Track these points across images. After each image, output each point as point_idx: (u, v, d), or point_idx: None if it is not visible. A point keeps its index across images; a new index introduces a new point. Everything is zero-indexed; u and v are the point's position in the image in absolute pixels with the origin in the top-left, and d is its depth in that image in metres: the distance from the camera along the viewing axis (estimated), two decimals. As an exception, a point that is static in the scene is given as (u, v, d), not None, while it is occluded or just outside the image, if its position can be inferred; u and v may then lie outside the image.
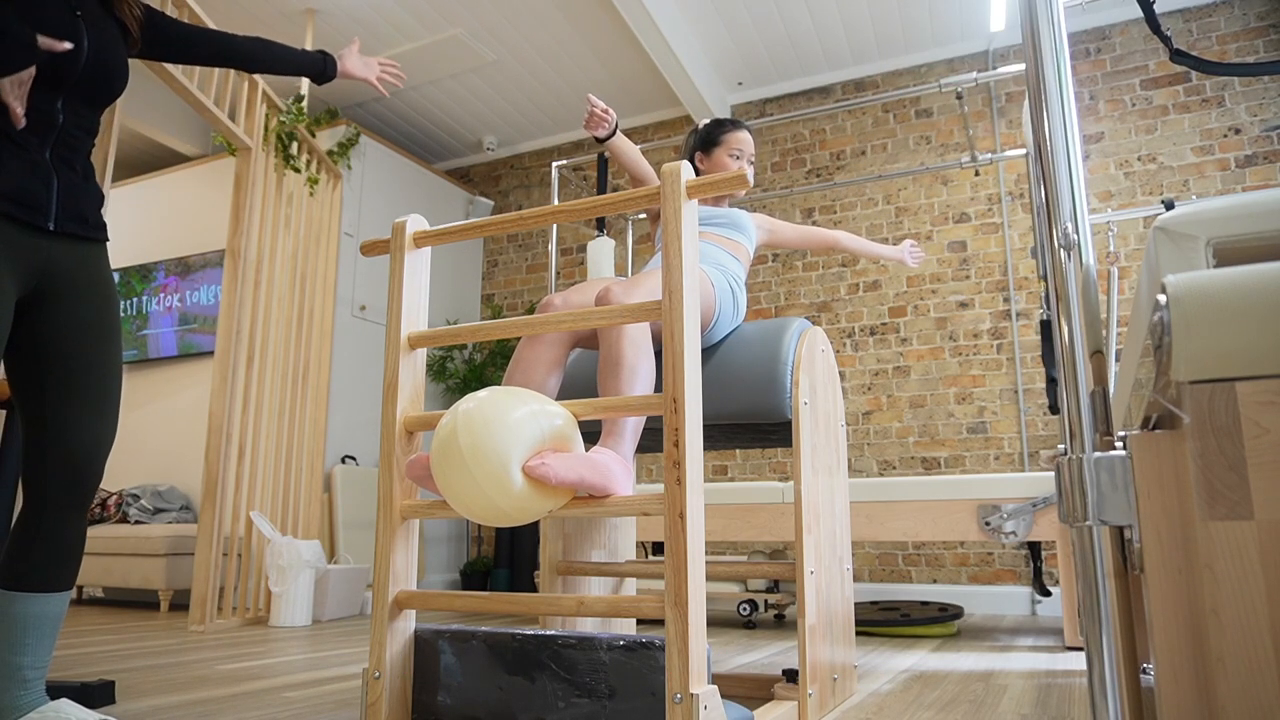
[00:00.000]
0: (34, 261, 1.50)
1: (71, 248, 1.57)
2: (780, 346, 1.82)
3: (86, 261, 1.59)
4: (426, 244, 1.60)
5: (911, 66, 4.87)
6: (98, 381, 1.55)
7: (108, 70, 1.60)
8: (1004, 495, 2.96)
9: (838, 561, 1.94)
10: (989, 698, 1.95)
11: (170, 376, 4.99)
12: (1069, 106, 0.92)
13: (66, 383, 1.52)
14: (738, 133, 2.23)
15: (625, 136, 2.22)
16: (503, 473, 1.25)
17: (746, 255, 2.14)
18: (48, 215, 1.52)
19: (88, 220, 1.60)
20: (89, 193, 1.62)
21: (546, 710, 1.37)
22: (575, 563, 1.97)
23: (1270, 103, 4.03)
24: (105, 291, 1.61)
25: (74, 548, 1.53)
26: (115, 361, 1.59)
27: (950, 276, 4.54)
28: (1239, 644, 0.70)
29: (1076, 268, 0.89)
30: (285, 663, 2.56)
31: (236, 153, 3.79)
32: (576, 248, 5.68)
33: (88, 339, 1.55)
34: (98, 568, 4.33)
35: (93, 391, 1.54)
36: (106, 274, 1.63)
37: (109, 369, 1.57)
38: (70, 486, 1.50)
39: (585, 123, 2.11)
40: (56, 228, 1.54)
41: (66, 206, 1.55)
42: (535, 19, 4.60)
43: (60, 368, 1.52)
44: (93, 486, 1.54)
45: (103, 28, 1.62)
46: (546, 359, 1.74)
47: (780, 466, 4.80)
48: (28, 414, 1.52)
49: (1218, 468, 0.72)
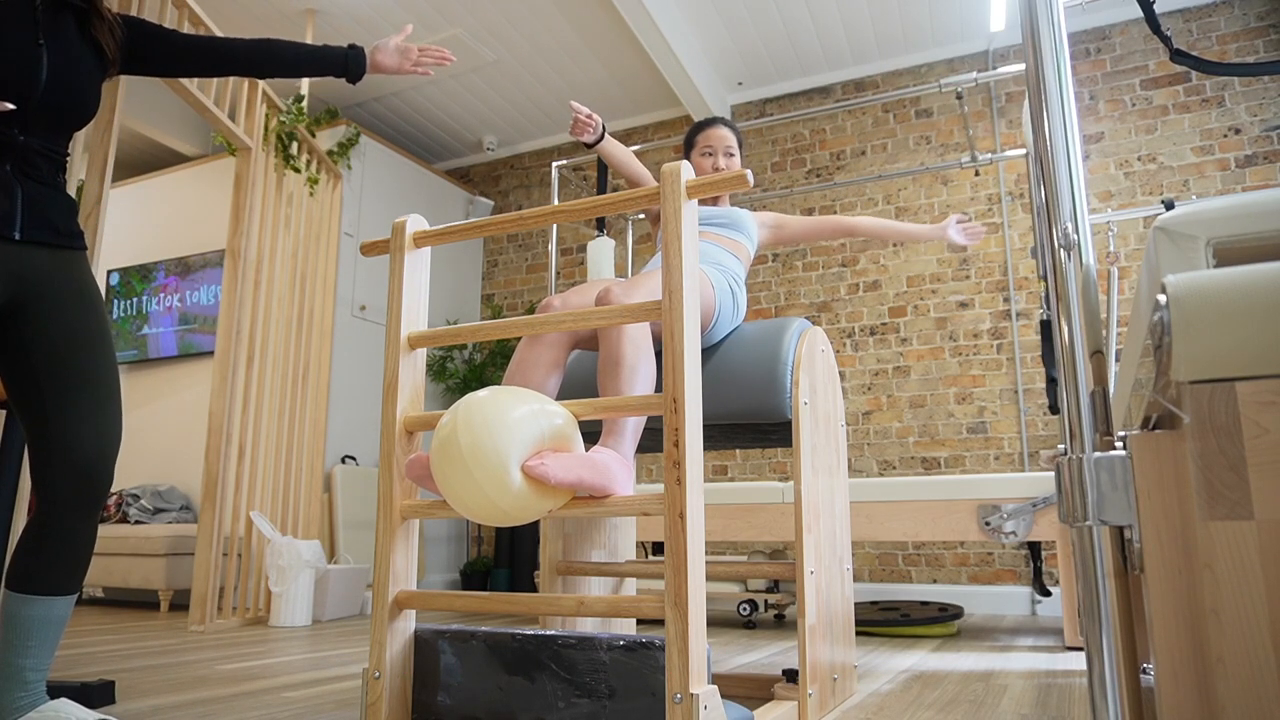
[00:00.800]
0: (3, 270, 1.49)
1: (44, 256, 1.56)
2: (780, 346, 1.82)
3: (64, 269, 1.58)
4: (426, 244, 1.60)
5: (911, 66, 4.87)
6: (94, 386, 1.54)
7: (71, 99, 1.58)
8: (1004, 495, 2.96)
9: (838, 561, 1.94)
10: (989, 698, 1.95)
11: (170, 376, 4.99)
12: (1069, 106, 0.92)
13: (64, 390, 1.51)
14: (706, 130, 2.22)
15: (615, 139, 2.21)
16: (502, 472, 1.25)
17: (747, 255, 2.13)
18: (13, 225, 1.51)
19: (58, 229, 1.58)
20: (58, 202, 1.60)
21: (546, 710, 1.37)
22: (575, 563, 1.97)
23: (1270, 103, 4.03)
24: (88, 297, 1.59)
25: (82, 552, 1.52)
26: (109, 364, 1.58)
27: (950, 276, 4.54)
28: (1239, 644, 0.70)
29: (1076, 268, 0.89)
30: (285, 663, 2.56)
31: (236, 153, 3.79)
32: (576, 248, 5.68)
33: (77, 345, 1.54)
34: (98, 568, 4.33)
35: (92, 396, 1.53)
36: (88, 280, 1.61)
37: (104, 372, 1.56)
38: (80, 492, 1.49)
39: (571, 129, 2.11)
40: (23, 236, 1.52)
41: (33, 215, 1.54)
42: (535, 19, 4.60)
43: (55, 376, 1.51)
44: (103, 491, 1.53)
45: (72, 56, 1.60)
46: (546, 360, 1.74)
47: (780, 466, 4.80)
48: (29, 423, 1.51)
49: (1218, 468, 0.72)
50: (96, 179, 2.77)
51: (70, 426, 1.50)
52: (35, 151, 1.56)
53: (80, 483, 1.49)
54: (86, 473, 1.50)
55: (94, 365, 1.55)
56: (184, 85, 3.27)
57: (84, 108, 1.62)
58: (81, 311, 1.57)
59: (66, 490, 1.48)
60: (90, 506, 1.51)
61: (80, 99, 1.61)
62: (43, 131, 1.57)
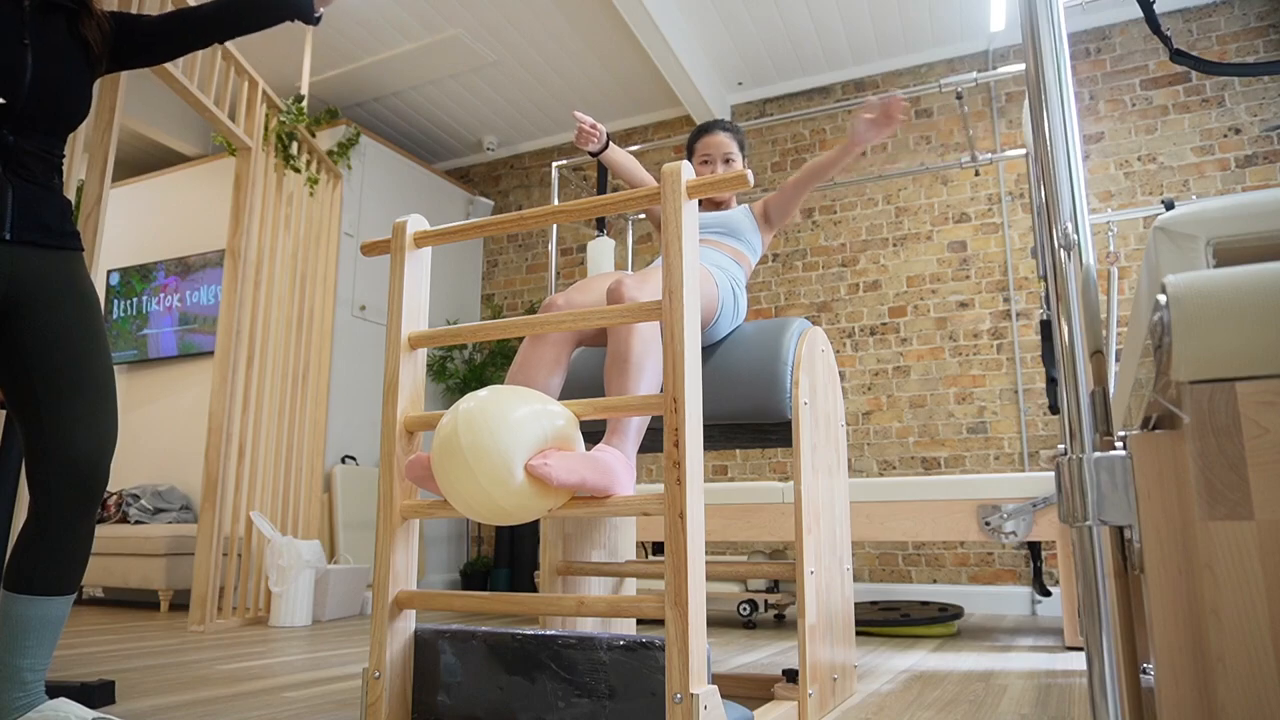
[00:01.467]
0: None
1: (36, 256, 1.55)
2: (780, 346, 1.82)
3: (57, 269, 1.57)
4: (427, 244, 1.60)
5: (911, 66, 4.87)
6: (89, 387, 1.53)
7: (58, 99, 1.58)
8: (1004, 495, 2.96)
9: (838, 561, 1.94)
10: (989, 698, 1.95)
11: (170, 376, 4.99)
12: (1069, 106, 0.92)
13: (58, 391, 1.51)
14: (705, 137, 2.19)
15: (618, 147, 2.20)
16: (504, 471, 1.25)
17: (748, 261, 2.10)
18: (3, 225, 1.51)
19: (50, 229, 1.58)
20: (51, 203, 1.59)
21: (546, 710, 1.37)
22: (575, 563, 1.97)
23: (1270, 103, 4.03)
24: (83, 298, 1.59)
25: (79, 552, 1.52)
26: (103, 365, 1.57)
27: (950, 276, 4.54)
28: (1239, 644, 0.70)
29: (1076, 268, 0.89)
30: (285, 663, 2.56)
31: (236, 153, 3.79)
32: (576, 248, 5.68)
33: (71, 346, 1.54)
34: (98, 568, 4.33)
35: (86, 397, 1.53)
36: (83, 281, 1.61)
37: (98, 373, 1.56)
38: (76, 492, 1.49)
39: (575, 139, 2.10)
40: (14, 237, 1.52)
41: (25, 215, 1.54)
42: (535, 19, 4.60)
43: (49, 377, 1.51)
44: (99, 491, 1.53)
45: (59, 56, 1.59)
46: (549, 358, 1.74)
47: (780, 466, 4.80)
48: (24, 423, 1.51)
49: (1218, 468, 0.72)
50: (96, 179, 2.77)
51: (64, 427, 1.49)
52: (26, 152, 1.55)
53: (75, 483, 1.49)
54: (81, 473, 1.49)
55: (88, 366, 1.55)
56: (184, 85, 3.27)
57: (73, 107, 1.62)
58: (76, 312, 1.57)
59: (61, 491, 1.48)
60: (85, 507, 1.51)
61: (68, 99, 1.60)
62: (33, 132, 1.56)
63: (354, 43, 4.82)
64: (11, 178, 1.53)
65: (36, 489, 1.48)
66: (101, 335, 1.60)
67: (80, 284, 1.60)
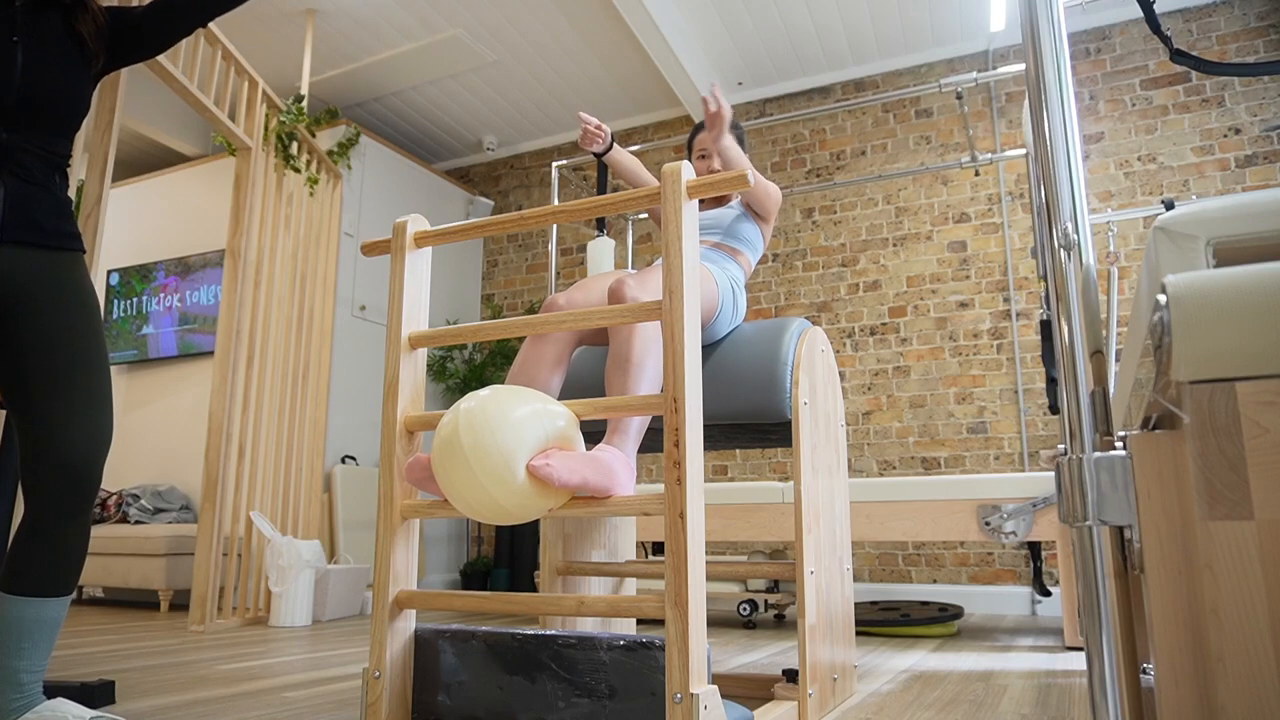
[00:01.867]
0: None
1: (30, 256, 1.54)
2: (780, 346, 1.82)
3: (53, 270, 1.56)
4: (427, 244, 1.60)
5: (911, 66, 4.87)
6: (84, 388, 1.53)
7: (50, 96, 1.56)
8: (1004, 495, 2.96)
9: (838, 561, 1.94)
10: (989, 698, 1.95)
11: (170, 376, 4.99)
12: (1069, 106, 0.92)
13: (52, 391, 1.50)
14: (702, 134, 2.22)
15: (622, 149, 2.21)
16: (505, 470, 1.25)
17: (748, 261, 2.11)
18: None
19: (44, 229, 1.56)
20: (47, 202, 1.57)
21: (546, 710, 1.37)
22: (575, 563, 1.97)
23: (1270, 103, 4.03)
24: (79, 298, 1.57)
25: (75, 553, 1.51)
26: (99, 365, 1.56)
27: (950, 276, 4.54)
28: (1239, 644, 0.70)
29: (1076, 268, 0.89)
30: (285, 663, 2.56)
31: (236, 153, 3.78)
32: (576, 248, 5.68)
33: (67, 347, 1.53)
34: (98, 568, 4.33)
35: (80, 399, 1.52)
36: (80, 281, 1.59)
37: (93, 374, 1.55)
38: (69, 494, 1.49)
39: (579, 140, 2.11)
40: (6, 236, 1.51)
41: (18, 215, 1.52)
42: (535, 19, 4.60)
43: (44, 377, 1.50)
44: (92, 492, 1.52)
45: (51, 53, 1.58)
46: (550, 358, 1.74)
47: (780, 466, 4.80)
48: (19, 423, 1.50)
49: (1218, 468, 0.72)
50: (96, 179, 2.77)
51: (58, 428, 1.49)
52: (22, 150, 1.54)
53: (69, 484, 1.48)
54: (75, 474, 1.49)
55: (83, 367, 1.54)
56: (184, 85, 3.27)
57: (68, 105, 1.60)
58: (72, 313, 1.56)
59: (55, 491, 1.47)
60: (79, 507, 1.50)
61: (61, 96, 1.58)
62: (28, 130, 1.55)
63: (354, 43, 4.82)
64: (5, 176, 1.52)
65: (30, 490, 1.48)
66: (99, 337, 1.58)
67: (78, 285, 1.59)
